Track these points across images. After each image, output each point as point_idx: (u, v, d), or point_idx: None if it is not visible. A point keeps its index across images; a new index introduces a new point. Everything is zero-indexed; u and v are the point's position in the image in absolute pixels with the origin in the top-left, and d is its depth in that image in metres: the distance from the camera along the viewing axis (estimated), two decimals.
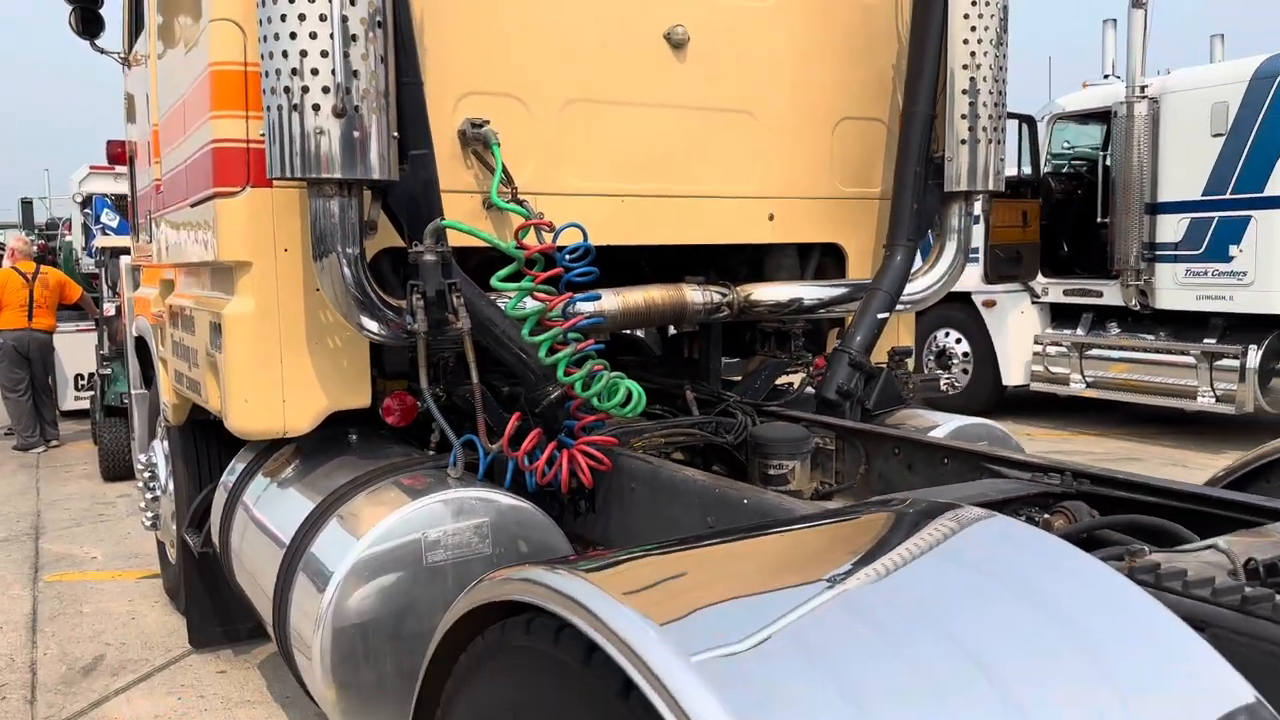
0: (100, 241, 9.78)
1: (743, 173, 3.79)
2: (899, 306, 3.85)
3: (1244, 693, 1.30)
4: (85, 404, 10.70)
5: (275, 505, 3.36)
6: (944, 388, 3.96)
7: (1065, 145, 10.69)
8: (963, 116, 3.69)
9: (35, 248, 10.15)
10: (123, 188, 14.56)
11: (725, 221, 3.78)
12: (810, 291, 3.95)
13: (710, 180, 3.72)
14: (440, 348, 3.23)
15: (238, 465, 3.91)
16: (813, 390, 3.83)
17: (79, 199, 13.83)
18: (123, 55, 5.01)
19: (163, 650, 4.61)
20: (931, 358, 10.77)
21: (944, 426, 3.59)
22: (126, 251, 9.17)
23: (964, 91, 3.68)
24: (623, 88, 3.53)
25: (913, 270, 3.89)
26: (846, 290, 3.95)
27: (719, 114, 3.73)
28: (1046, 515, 2.32)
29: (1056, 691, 1.26)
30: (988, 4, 3.67)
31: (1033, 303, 9.87)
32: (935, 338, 10.76)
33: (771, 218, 3.87)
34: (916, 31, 3.82)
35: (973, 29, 3.66)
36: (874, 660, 1.26)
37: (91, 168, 13.97)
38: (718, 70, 3.69)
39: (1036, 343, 9.78)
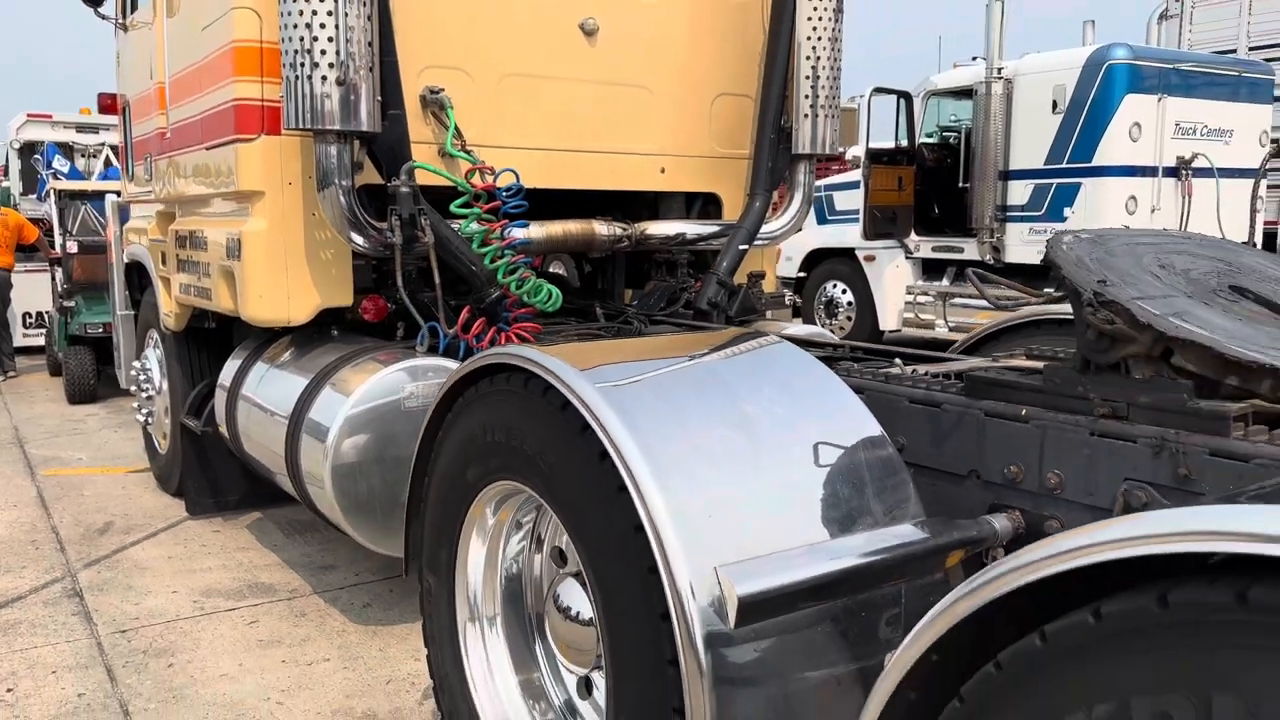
0: (55, 185, 10.42)
1: (641, 135, 4.88)
2: (757, 241, 5.00)
3: (874, 429, 2.46)
4: (34, 341, 11.36)
5: (279, 379, 4.38)
6: (789, 303, 5.15)
7: (952, 118, 12.00)
8: (806, 96, 4.84)
9: None
10: (59, 135, 15.02)
11: (627, 173, 4.87)
12: (692, 228, 5.08)
13: (615, 140, 4.81)
14: (407, 262, 4.26)
15: (233, 363, 4.91)
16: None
17: (17, 145, 14.24)
18: (119, 21, 5.87)
19: (163, 519, 5.58)
20: (821, 306, 12.08)
21: (788, 329, 4.77)
22: (82, 195, 9.89)
23: (807, 77, 4.82)
24: (546, 65, 4.58)
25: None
26: (719, 228, 5.09)
27: (622, 88, 4.81)
28: None
29: (766, 411, 2.41)
30: (826, 8, 4.80)
31: (906, 258, 11.20)
32: (824, 289, 12.07)
33: (663, 171, 4.98)
34: (772, 28, 4.93)
35: (814, 28, 4.79)
36: (685, 392, 2.39)
37: (29, 115, 14.38)
38: (621, 53, 4.76)
39: (908, 293, 11.12)
